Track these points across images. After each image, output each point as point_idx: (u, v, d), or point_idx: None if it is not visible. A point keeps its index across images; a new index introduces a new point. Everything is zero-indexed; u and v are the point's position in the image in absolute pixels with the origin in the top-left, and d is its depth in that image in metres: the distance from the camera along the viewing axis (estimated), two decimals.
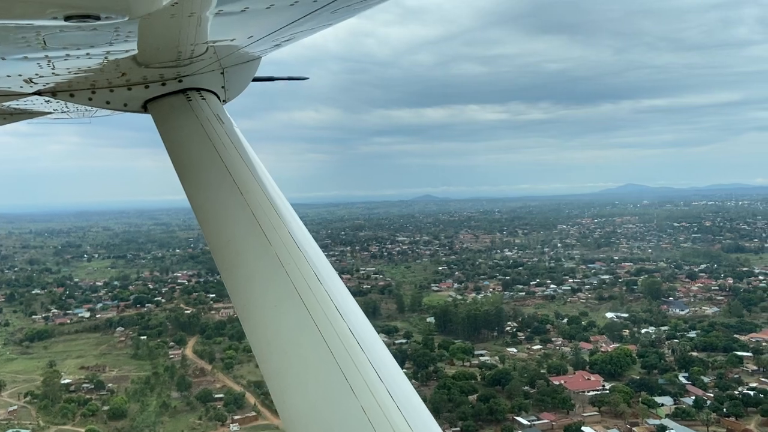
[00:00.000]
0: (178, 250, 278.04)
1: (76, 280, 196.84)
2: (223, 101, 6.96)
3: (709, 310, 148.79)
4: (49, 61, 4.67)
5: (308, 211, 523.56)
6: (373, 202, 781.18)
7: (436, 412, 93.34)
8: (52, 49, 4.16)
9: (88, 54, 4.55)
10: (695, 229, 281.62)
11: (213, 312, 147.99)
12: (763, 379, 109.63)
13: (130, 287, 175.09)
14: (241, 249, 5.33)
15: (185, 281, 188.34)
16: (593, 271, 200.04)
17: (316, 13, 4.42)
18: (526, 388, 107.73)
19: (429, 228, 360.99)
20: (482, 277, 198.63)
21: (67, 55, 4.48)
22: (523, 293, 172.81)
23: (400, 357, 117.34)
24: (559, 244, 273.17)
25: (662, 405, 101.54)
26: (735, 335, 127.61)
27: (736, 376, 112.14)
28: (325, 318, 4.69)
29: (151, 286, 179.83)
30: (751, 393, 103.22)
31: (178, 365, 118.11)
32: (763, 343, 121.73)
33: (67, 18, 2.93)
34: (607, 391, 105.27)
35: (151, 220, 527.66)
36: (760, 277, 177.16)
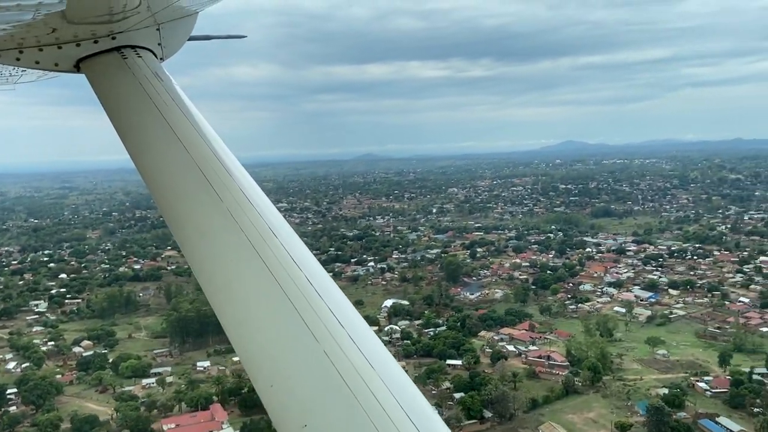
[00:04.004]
0: (36, 221, 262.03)
1: None
2: (161, 59, 6.62)
3: (500, 293, 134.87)
4: None
5: None
6: (314, 161, 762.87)
7: None
8: None
9: (18, 5, 4.45)
10: (576, 191, 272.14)
11: None
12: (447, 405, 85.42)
13: None
14: (191, 206, 5.31)
15: None
16: (431, 244, 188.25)
17: None
18: None
19: (325, 192, 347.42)
20: (315, 252, 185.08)
21: None
22: (331, 274, 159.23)
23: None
24: (434, 211, 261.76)
25: None
26: (483, 331, 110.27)
27: None
28: (282, 268, 4.72)
29: None
30: None
31: None
32: (499, 344, 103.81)
33: None
34: None
35: (61, 183, 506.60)
36: (587, 250, 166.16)
